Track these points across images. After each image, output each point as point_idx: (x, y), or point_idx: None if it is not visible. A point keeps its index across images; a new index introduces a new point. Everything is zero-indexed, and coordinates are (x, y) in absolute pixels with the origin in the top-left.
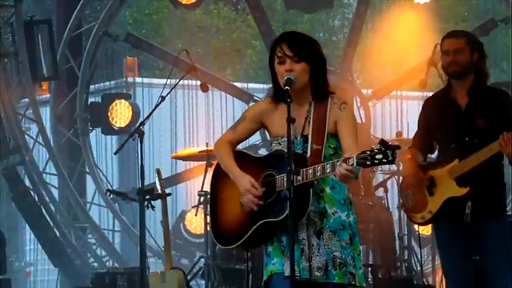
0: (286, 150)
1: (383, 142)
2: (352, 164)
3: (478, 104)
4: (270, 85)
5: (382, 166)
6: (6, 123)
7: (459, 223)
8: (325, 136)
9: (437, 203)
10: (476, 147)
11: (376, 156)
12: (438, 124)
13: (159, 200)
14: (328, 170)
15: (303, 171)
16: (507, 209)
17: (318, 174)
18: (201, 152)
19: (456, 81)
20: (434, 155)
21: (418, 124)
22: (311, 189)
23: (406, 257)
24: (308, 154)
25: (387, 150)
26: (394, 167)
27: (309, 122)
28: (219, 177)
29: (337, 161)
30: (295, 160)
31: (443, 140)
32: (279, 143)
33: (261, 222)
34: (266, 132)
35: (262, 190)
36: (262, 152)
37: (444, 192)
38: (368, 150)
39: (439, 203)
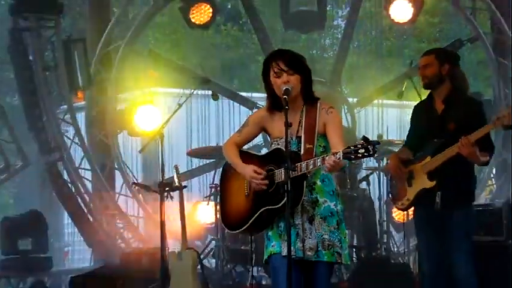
0: (283, 149)
1: (365, 138)
2: (339, 158)
3: (451, 110)
4: None
5: (367, 163)
6: (48, 126)
7: (431, 210)
8: (316, 136)
9: (413, 193)
10: (445, 147)
11: (359, 151)
12: (421, 126)
13: (177, 191)
14: (318, 163)
15: (297, 165)
16: (474, 199)
17: (310, 167)
18: (212, 151)
19: (433, 91)
20: None
21: (410, 126)
22: (304, 182)
23: (385, 240)
24: (302, 152)
25: (368, 146)
26: (376, 164)
27: (302, 126)
28: (227, 173)
29: (326, 155)
30: (291, 157)
31: (424, 139)
32: (277, 143)
33: (262, 209)
34: (266, 135)
35: (264, 174)
36: (264, 151)
37: (419, 184)
38: (352, 146)
39: (414, 192)
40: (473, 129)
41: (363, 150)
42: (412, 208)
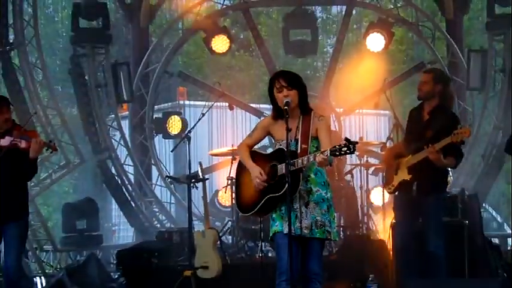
0: (285, 149)
1: (347, 139)
2: (327, 155)
3: (433, 121)
4: None
5: (351, 160)
6: (99, 131)
7: (409, 196)
8: (309, 139)
9: (396, 181)
10: (423, 149)
11: (343, 149)
12: (411, 127)
13: (201, 182)
14: (311, 159)
15: (294, 161)
16: (446, 189)
17: (305, 163)
18: (228, 150)
19: (424, 102)
20: None
21: (406, 125)
22: (301, 174)
23: (365, 221)
24: (298, 151)
25: (350, 145)
26: (357, 161)
27: (299, 130)
28: (241, 168)
29: (316, 153)
30: (290, 155)
31: (413, 140)
32: (279, 144)
33: (267, 197)
34: (271, 137)
35: (265, 178)
36: (269, 150)
37: (401, 175)
38: (337, 145)
39: (397, 181)
40: (445, 136)
41: (345, 149)
42: (388, 195)
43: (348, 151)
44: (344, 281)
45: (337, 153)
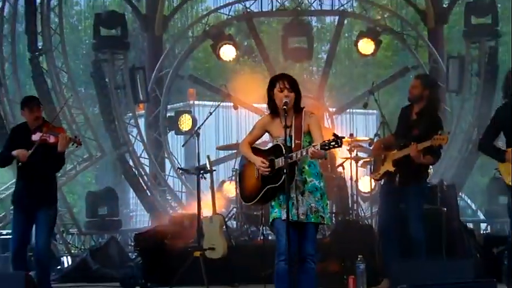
0: (281, 145)
1: (335, 135)
2: (318, 148)
3: (418, 121)
4: None
5: (342, 154)
6: (118, 128)
7: (392, 186)
8: (302, 135)
9: (382, 171)
10: (408, 146)
11: (331, 143)
12: (400, 124)
13: (209, 174)
14: (303, 153)
15: (290, 155)
16: (427, 179)
17: (298, 156)
18: (233, 145)
19: (413, 104)
20: None
21: (398, 120)
22: (296, 167)
23: (355, 208)
24: (292, 146)
25: (338, 140)
26: (348, 155)
27: (292, 127)
28: (243, 163)
29: (309, 147)
30: (286, 150)
31: (400, 136)
32: (276, 141)
33: (267, 187)
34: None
35: (268, 164)
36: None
37: (386, 166)
38: (327, 140)
39: (383, 171)
40: (428, 139)
41: (334, 143)
42: (375, 185)
43: (336, 145)
44: (335, 261)
45: (327, 147)
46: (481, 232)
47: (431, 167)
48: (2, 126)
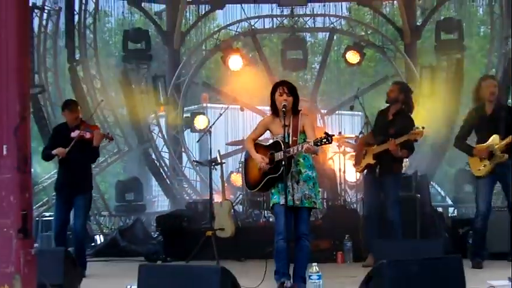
0: (280, 141)
1: (326, 133)
2: (311, 144)
3: (394, 121)
4: None
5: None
6: (143, 127)
7: (373, 176)
8: (298, 133)
9: (363, 164)
10: (385, 142)
11: (323, 140)
12: (378, 123)
13: (219, 165)
14: (299, 148)
15: (288, 150)
16: (402, 170)
17: (295, 151)
18: (239, 142)
19: (390, 106)
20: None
21: (375, 120)
22: (292, 160)
23: (343, 195)
24: (290, 142)
25: (328, 137)
26: (337, 150)
27: (290, 127)
28: (247, 157)
29: (303, 143)
30: (284, 146)
31: (378, 133)
32: (276, 138)
33: (267, 177)
34: (270, 132)
35: (267, 160)
36: (269, 142)
37: (367, 160)
38: (319, 137)
39: (364, 164)
40: (404, 134)
41: (325, 140)
42: (360, 176)
43: (326, 142)
44: (326, 240)
45: (319, 144)
46: (449, 215)
47: (407, 160)
48: (45, 125)
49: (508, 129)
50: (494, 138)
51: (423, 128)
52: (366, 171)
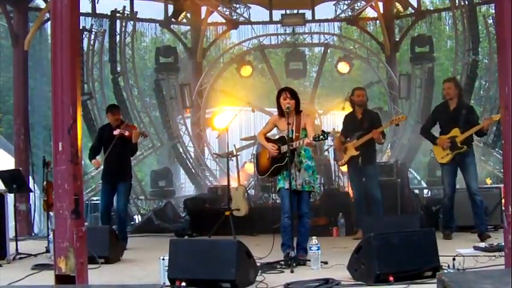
0: (285, 136)
1: (322, 131)
2: (311, 140)
3: (364, 117)
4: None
5: (326, 142)
6: (172, 126)
7: (356, 166)
8: (300, 130)
9: (347, 157)
10: (363, 135)
11: (320, 136)
12: (347, 124)
13: (235, 157)
14: (301, 143)
15: (291, 143)
16: (376, 160)
17: (297, 145)
18: (251, 137)
19: (357, 108)
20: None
21: (342, 123)
22: (295, 152)
23: (336, 180)
24: (293, 137)
25: (324, 134)
26: (332, 144)
27: (294, 124)
28: (258, 149)
29: (305, 139)
30: (289, 140)
31: (348, 132)
32: (282, 133)
33: (275, 165)
34: (277, 128)
35: (276, 147)
36: (276, 137)
37: (349, 153)
38: (317, 134)
39: (347, 157)
40: (375, 127)
41: (322, 136)
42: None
43: (323, 138)
44: (324, 217)
45: (317, 139)
46: (424, 196)
47: (389, 150)
48: (93, 125)
49: (466, 124)
50: (454, 131)
51: (401, 113)
52: (349, 163)
